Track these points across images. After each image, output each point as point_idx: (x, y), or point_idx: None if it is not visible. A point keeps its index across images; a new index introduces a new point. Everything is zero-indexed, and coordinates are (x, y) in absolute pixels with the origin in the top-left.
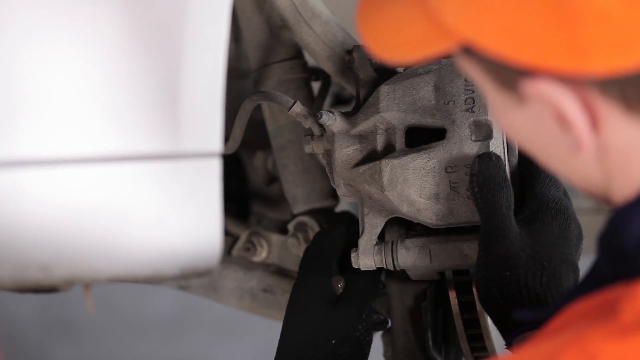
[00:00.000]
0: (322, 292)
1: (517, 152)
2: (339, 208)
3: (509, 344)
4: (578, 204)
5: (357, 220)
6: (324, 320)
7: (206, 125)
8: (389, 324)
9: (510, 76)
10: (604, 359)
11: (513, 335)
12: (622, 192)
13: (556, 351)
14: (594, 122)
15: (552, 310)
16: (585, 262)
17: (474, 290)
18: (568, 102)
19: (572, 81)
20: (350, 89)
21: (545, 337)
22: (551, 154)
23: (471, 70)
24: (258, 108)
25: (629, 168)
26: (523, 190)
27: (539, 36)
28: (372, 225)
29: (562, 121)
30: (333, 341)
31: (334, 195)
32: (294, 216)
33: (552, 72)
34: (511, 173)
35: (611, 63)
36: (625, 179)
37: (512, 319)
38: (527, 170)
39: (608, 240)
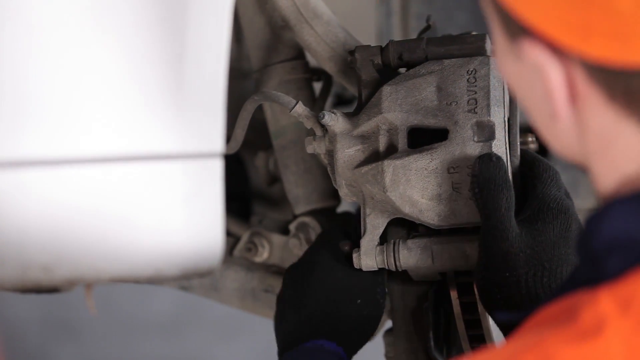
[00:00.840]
0: (338, 256)
1: (519, 152)
2: (341, 209)
3: None
4: (579, 204)
5: (357, 217)
6: (347, 280)
7: (208, 126)
8: None
9: (515, 29)
10: None
11: None
12: (602, 176)
13: (515, 353)
14: (573, 99)
15: (528, 313)
16: None
17: (476, 291)
18: (553, 73)
19: (564, 55)
20: (351, 90)
21: (510, 340)
22: (537, 114)
23: (486, 7)
24: (260, 108)
25: (609, 154)
26: (525, 191)
27: (547, 3)
28: (374, 226)
29: (546, 90)
30: (358, 301)
31: (335, 196)
32: (295, 216)
33: (548, 40)
34: (513, 174)
35: (606, 52)
36: (606, 165)
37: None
38: (529, 170)
39: (582, 243)
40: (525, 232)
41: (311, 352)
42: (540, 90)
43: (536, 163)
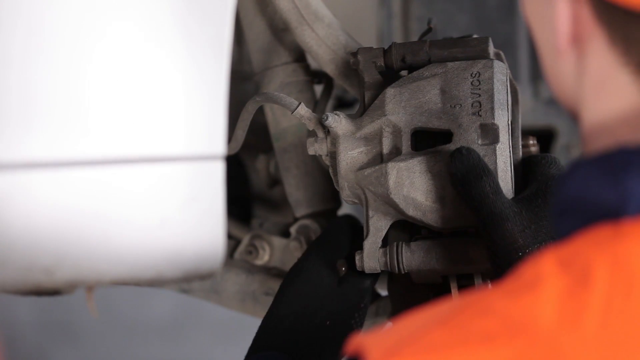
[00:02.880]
0: (328, 270)
1: (521, 156)
2: (341, 211)
3: None
4: None
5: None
6: (324, 299)
7: (209, 128)
8: None
9: None
10: (493, 316)
11: None
12: (588, 120)
13: (457, 308)
14: (577, 36)
15: None
16: None
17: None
18: (562, 7)
19: None
20: (352, 92)
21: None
22: (544, 50)
23: None
24: (260, 111)
25: (601, 99)
26: (525, 182)
27: None
28: (377, 228)
29: (554, 23)
30: (328, 322)
31: (336, 198)
32: (296, 219)
33: None
34: (515, 176)
35: None
36: (595, 109)
37: None
38: (528, 162)
39: (551, 206)
40: (525, 210)
41: None
42: (550, 25)
43: (539, 162)
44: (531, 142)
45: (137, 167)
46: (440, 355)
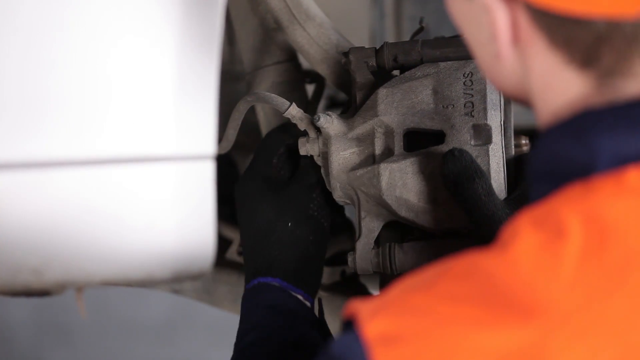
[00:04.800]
0: (268, 179)
1: (512, 150)
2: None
3: None
4: None
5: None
6: (276, 203)
7: (200, 128)
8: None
9: None
10: (481, 271)
11: None
12: (542, 112)
13: (445, 266)
14: (517, 41)
15: None
16: None
17: None
18: (500, 15)
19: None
20: (344, 92)
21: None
22: (481, 53)
23: None
24: (252, 111)
25: (549, 95)
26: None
27: None
28: (369, 230)
29: (492, 30)
30: (289, 223)
31: None
32: None
33: None
34: (507, 176)
35: None
36: (546, 103)
37: None
38: (524, 164)
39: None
40: (517, 210)
41: (250, 299)
42: (486, 30)
43: (524, 155)
44: (523, 141)
45: (126, 167)
46: (421, 318)
